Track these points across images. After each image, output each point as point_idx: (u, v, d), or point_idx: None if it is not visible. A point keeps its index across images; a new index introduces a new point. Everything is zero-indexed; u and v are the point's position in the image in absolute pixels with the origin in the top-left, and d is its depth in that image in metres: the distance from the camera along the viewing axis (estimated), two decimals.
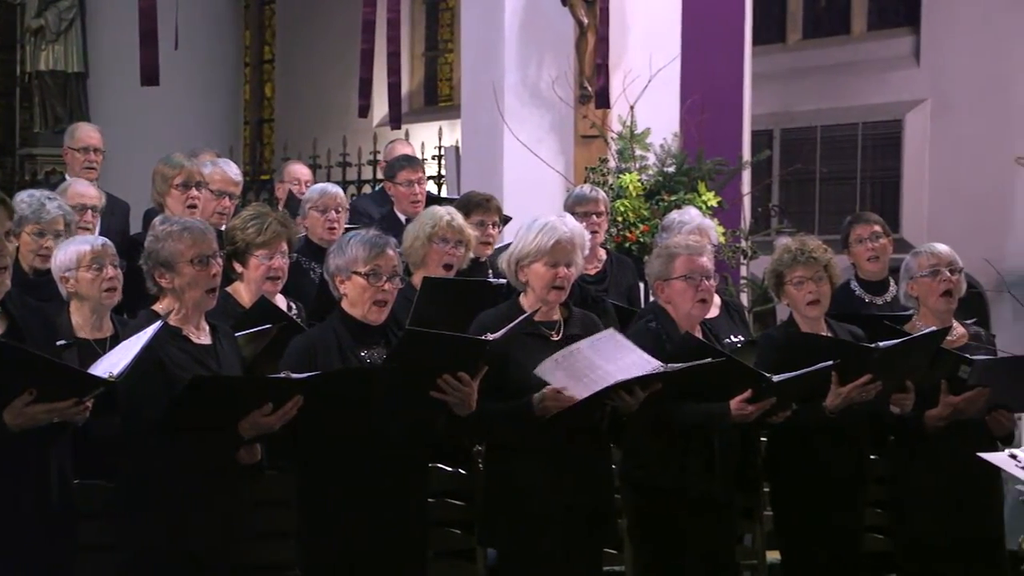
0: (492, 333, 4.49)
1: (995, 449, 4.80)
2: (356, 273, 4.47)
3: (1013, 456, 3.62)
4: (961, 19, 11.03)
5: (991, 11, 10.81)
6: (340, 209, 6.50)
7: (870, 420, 5.23)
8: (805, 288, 5.17)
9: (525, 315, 4.65)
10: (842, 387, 4.91)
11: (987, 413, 5.22)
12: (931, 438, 5.20)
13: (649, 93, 8.28)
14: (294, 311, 5.36)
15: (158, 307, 4.32)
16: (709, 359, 4.68)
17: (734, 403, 4.79)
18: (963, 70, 11.00)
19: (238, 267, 5.21)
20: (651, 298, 5.32)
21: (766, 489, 5.54)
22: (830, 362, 4.86)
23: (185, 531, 4.17)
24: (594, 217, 6.53)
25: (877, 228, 6.52)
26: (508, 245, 5.02)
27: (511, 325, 4.54)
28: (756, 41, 9.53)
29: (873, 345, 4.97)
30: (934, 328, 5.14)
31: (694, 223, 6.21)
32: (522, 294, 4.79)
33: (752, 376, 4.80)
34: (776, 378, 4.80)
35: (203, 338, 4.33)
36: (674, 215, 6.51)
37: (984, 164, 10.68)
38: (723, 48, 8.77)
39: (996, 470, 4.63)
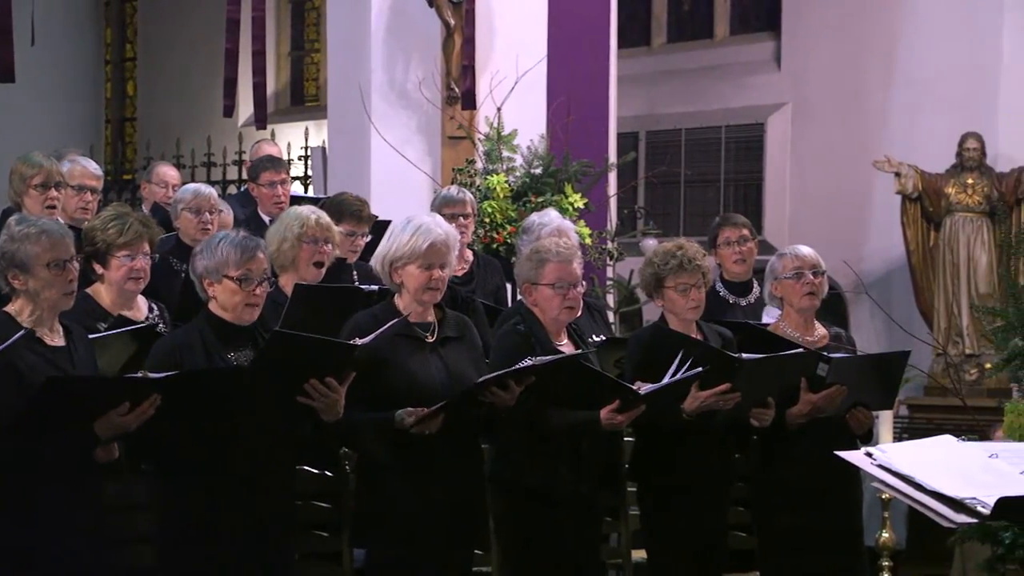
0: (366, 335, 4.47)
1: (855, 447, 4.89)
2: (227, 277, 4.41)
3: (869, 455, 3.68)
4: (820, 25, 11.23)
5: (849, 17, 11.02)
6: (214, 211, 6.43)
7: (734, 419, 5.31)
8: (690, 295, 5.25)
9: (398, 319, 4.64)
10: (701, 391, 4.99)
11: (846, 411, 5.33)
12: (792, 436, 5.30)
13: (516, 95, 8.30)
14: (155, 312, 5.29)
15: (10, 308, 4.22)
16: (579, 353, 4.73)
17: (604, 412, 4.84)
18: (822, 75, 11.19)
19: (99, 268, 5.12)
20: (519, 297, 5.34)
21: (631, 488, 5.59)
22: (699, 369, 4.92)
23: (44, 537, 4.07)
24: (461, 219, 6.54)
25: (745, 232, 6.62)
26: None
27: (381, 330, 4.52)
28: (621, 44, 9.62)
29: (736, 355, 5.04)
30: (802, 350, 5.23)
31: (553, 224, 6.23)
32: (396, 295, 4.78)
33: (620, 389, 4.86)
34: (644, 389, 4.88)
35: (57, 340, 4.22)
36: (534, 217, 6.54)
37: (843, 167, 10.87)
38: (589, 51, 8.83)
39: (856, 467, 4.73)
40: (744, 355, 5.11)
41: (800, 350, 5.23)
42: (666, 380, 4.90)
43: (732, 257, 6.61)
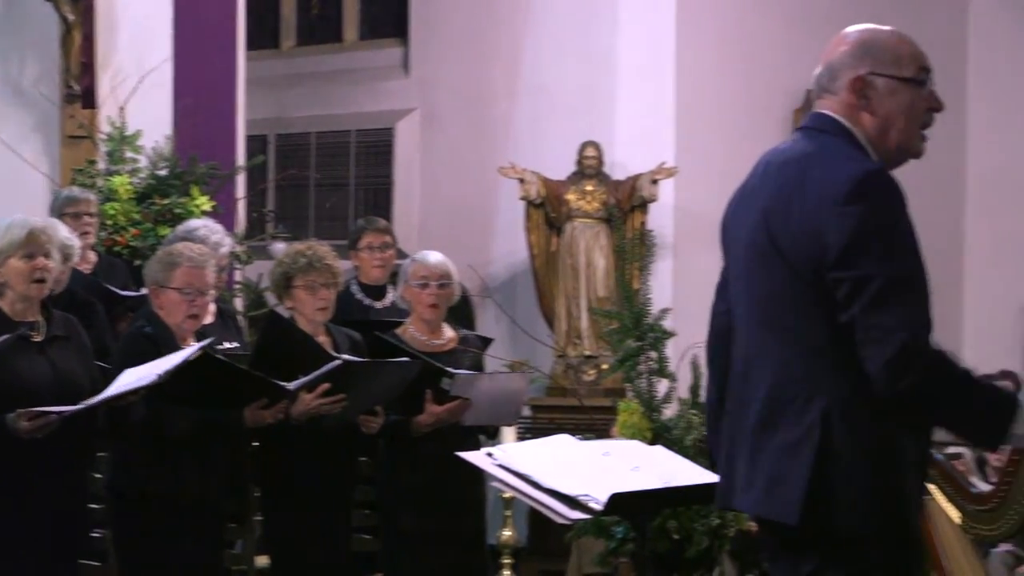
0: None
1: (478, 448, 5.01)
2: None
3: (490, 455, 3.78)
4: (448, 33, 11.40)
5: (476, 26, 11.23)
6: None
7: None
8: (319, 294, 5.23)
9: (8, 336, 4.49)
10: (307, 395, 4.99)
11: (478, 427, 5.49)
12: (416, 440, 5.37)
13: (140, 94, 8.09)
14: None
15: None
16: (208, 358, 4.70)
17: (250, 410, 4.81)
18: (450, 82, 11.37)
19: None
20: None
21: (256, 494, 5.54)
22: (339, 361, 4.94)
23: None
24: (85, 218, 6.37)
25: (388, 239, 6.66)
26: None
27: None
28: (250, 46, 9.50)
29: (340, 358, 5.09)
30: (407, 359, 5.28)
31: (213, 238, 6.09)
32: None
33: (270, 387, 4.83)
34: (291, 385, 4.87)
35: None
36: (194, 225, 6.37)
37: (470, 173, 11.06)
38: (216, 52, 8.69)
39: (478, 467, 4.85)
40: (348, 357, 5.16)
41: (404, 359, 5.27)
42: (311, 376, 4.91)
43: (372, 262, 6.63)
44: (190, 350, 4.66)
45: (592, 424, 7.10)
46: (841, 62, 3.07)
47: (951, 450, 8.34)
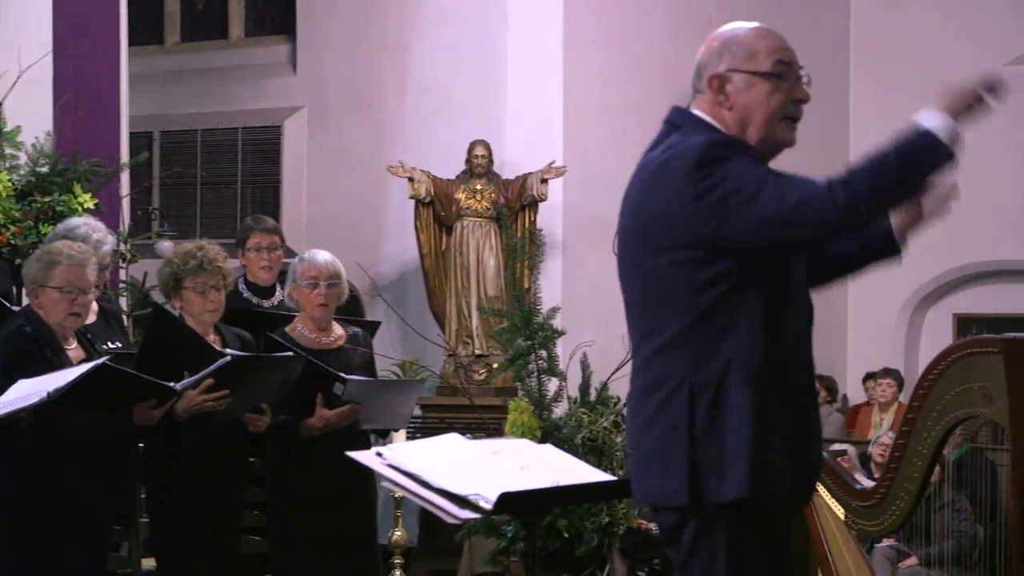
0: None
1: (368, 447, 4.98)
2: None
3: (379, 455, 3.75)
4: (336, 30, 11.34)
5: (364, 24, 11.18)
6: None
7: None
8: (209, 297, 5.18)
9: None
10: (192, 391, 4.95)
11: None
12: (307, 442, 5.33)
13: (19, 90, 7.93)
14: None
15: None
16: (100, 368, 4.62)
17: (138, 409, 4.78)
18: (338, 80, 11.31)
19: None
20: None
21: (142, 496, 5.47)
22: (228, 358, 4.90)
23: None
24: None
25: (276, 239, 6.57)
26: None
27: None
28: (133, 42, 9.37)
29: (228, 353, 5.05)
30: (290, 354, 5.25)
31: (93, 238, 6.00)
32: None
33: (158, 388, 4.80)
34: (178, 385, 4.84)
35: None
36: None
37: (359, 172, 11.01)
38: (98, 47, 8.54)
39: (369, 467, 4.83)
40: (234, 352, 5.13)
41: (288, 355, 5.25)
42: (199, 375, 4.88)
43: (260, 263, 6.54)
44: (84, 369, 4.57)
45: (482, 423, 7.10)
46: (705, 61, 3.17)
47: (836, 447, 8.49)
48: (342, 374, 5.30)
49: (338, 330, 5.60)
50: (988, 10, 11.92)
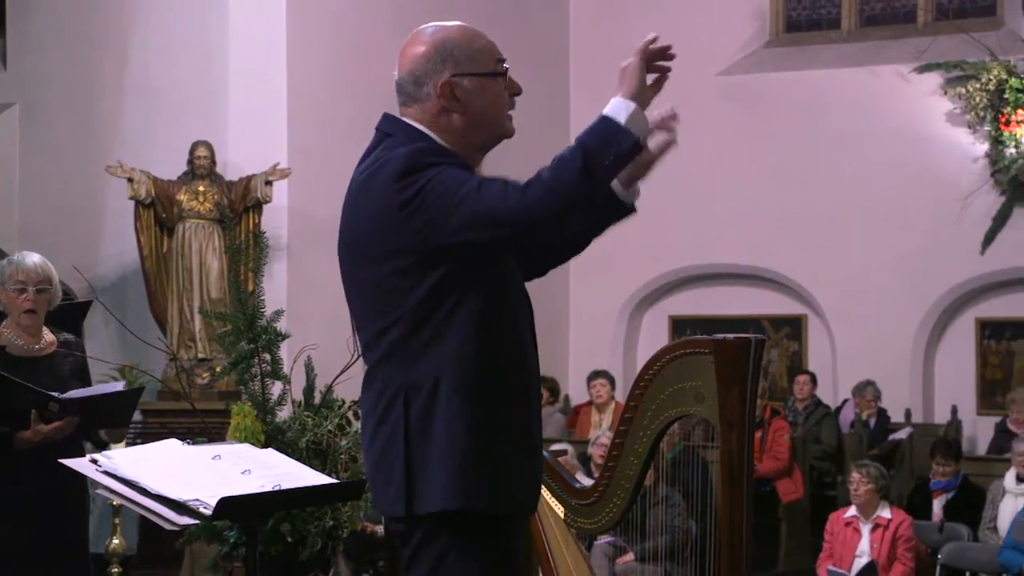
0: None
1: (82, 454, 4.85)
2: None
3: (95, 461, 3.65)
4: (49, 27, 10.99)
5: (80, 21, 10.87)
6: None
7: None
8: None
9: None
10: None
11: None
12: (18, 452, 5.17)
13: None
14: None
15: None
16: None
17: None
18: (52, 77, 10.96)
19: None
20: None
21: None
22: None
23: None
24: None
25: None
26: None
27: None
28: None
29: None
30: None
31: None
32: None
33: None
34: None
35: None
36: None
37: (75, 171, 10.71)
38: None
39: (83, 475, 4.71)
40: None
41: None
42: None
43: None
44: None
45: (205, 428, 6.97)
46: (424, 70, 3.17)
47: (556, 447, 8.66)
48: (55, 394, 5.15)
49: (48, 336, 5.44)
50: (700, 23, 12.36)
